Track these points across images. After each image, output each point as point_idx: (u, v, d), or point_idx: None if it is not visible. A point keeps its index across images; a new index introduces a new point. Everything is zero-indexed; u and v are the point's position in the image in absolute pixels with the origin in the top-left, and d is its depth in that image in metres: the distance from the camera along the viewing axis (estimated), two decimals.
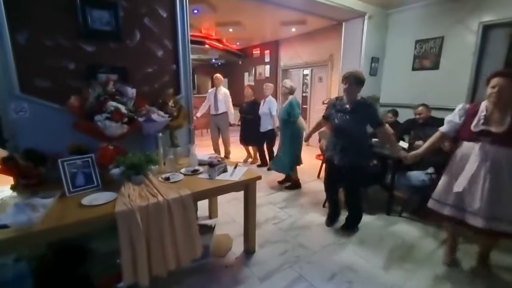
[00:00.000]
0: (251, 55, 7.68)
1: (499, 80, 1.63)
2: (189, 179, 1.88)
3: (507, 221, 1.61)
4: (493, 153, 1.62)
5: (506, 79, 1.60)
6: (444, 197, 1.84)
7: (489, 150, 1.63)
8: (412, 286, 1.78)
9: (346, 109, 2.25)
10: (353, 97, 2.23)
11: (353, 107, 2.22)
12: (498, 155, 1.61)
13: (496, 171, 1.61)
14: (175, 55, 2.24)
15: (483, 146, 1.65)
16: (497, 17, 3.15)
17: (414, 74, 3.94)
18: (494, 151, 1.62)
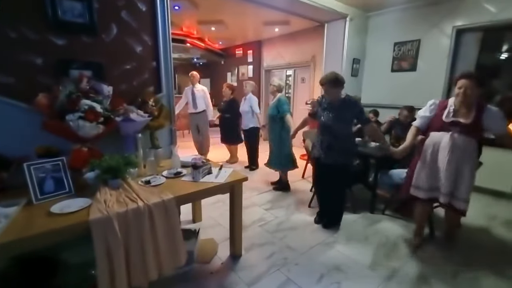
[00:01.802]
0: (233, 55, 7.60)
1: (464, 82, 1.83)
2: (172, 182, 1.78)
3: (462, 200, 1.91)
4: (460, 141, 1.87)
5: (469, 80, 1.82)
6: (423, 183, 2.03)
7: (457, 138, 1.87)
8: (397, 284, 1.80)
9: (331, 107, 2.28)
10: (335, 98, 2.27)
11: (339, 105, 2.26)
12: (463, 143, 1.86)
13: (459, 156, 1.87)
14: (156, 52, 2.13)
15: (453, 135, 1.88)
16: (469, 22, 3.32)
17: (393, 76, 4.07)
18: (461, 140, 1.86)
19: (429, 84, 3.69)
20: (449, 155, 1.88)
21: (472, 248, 2.20)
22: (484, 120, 1.83)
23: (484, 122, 1.83)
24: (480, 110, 1.84)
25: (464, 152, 1.87)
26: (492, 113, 1.83)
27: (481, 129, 1.86)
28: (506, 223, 2.62)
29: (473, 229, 2.51)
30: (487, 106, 1.85)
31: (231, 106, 4.21)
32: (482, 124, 1.84)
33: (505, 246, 2.27)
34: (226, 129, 4.34)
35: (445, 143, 1.90)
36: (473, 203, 1.99)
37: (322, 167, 2.42)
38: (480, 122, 1.83)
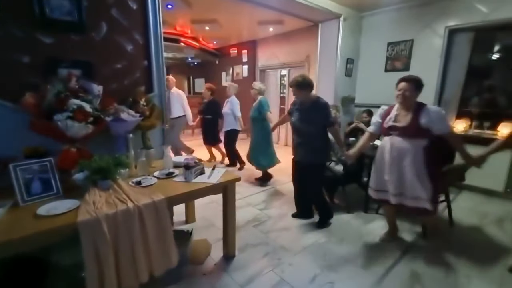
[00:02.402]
0: (228, 55, 7.58)
1: (403, 85, 1.92)
2: (163, 183, 1.76)
3: (410, 197, 1.95)
4: (399, 143, 1.96)
5: (408, 83, 1.91)
6: (376, 184, 2.14)
7: (396, 141, 1.97)
8: (390, 283, 1.80)
9: (302, 108, 2.40)
10: (305, 99, 2.37)
11: (308, 107, 2.36)
12: (403, 145, 1.94)
13: (401, 159, 1.94)
14: (147, 51, 2.10)
15: (392, 138, 2.00)
16: (461, 22, 3.36)
17: (387, 75, 4.08)
18: (399, 142, 1.96)
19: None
20: (390, 158, 1.98)
21: (464, 246, 2.22)
22: (422, 121, 1.85)
23: (423, 123, 1.85)
24: (418, 112, 1.88)
25: (406, 154, 1.92)
26: (430, 114, 1.85)
27: (423, 130, 1.86)
28: (497, 221, 2.65)
29: (465, 228, 2.54)
30: (426, 107, 1.89)
31: (211, 107, 4.21)
32: (420, 125, 1.86)
33: (496, 244, 2.29)
34: (207, 131, 4.32)
35: (387, 147, 2.01)
36: (466, 202, 2.01)
37: (295, 164, 2.56)
38: (418, 123, 1.86)
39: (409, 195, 1.95)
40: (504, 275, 1.88)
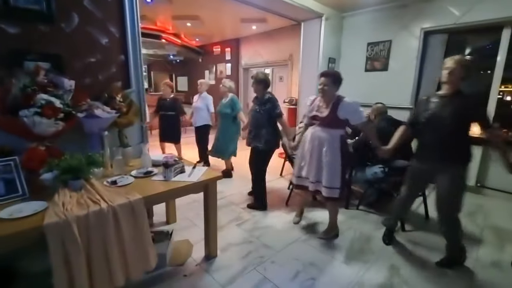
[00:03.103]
0: (211, 53, 7.48)
1: (322, 79, 2.09)
2: (141, 182, 1.69)
3: (329, 187, 2.10)
4: (319, 133, 2.13)
5: (327, 78, 2.08)
6: (298, 171, 2.30)
7: (316, 130, 2.15)
8: (370, 277, 1.84)
9: (258, 102, 2.75)
10: (260, 94, 2.71)
11: (261, 101, 2.70)
12: (322, 134, 2.11)
13: (321, 147, 2.11)
14: (124, 45, 2.01)
15: (314, 127, 2.18)
16: (435, 24, 3.50)
17: (367, 75, 4.19)
18: (319, 131, 2.13)
19: (400, 84, 3.84)
20: (311, 146, 2.15)
21: (439, 237, 2.30)
22: (339, 113, 2.05)
23: (340, 114, 2.05)
24: (336, 104, 2.06)
25: (325, 143, 2.09)
26: (346, 106, 2.04)
27: (341, 120, 2.07)
28: (469, 214, 2.78)
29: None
30: (343, 100, 2.06)
31: (175, 104, 4.17)
32: (338, 116, 2.05)
33: (468, 235, 2.39)
34: (170, 128, 4.22)
35: (309, 135, 2.19)
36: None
37: (250, 151, 2.85)
38: (336, 114, 2.05)
39: (325, 183, 2.11)
40: (475, 265, 1.98)
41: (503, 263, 2.02)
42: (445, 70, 1.79)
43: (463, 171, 1.84)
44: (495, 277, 1.86)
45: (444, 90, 1.85)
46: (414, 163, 2.03)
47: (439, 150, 1.84)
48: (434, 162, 1.87)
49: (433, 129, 1.83)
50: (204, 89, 4.14)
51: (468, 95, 1.81)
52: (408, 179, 2.09)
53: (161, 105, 4.18)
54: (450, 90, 1.81)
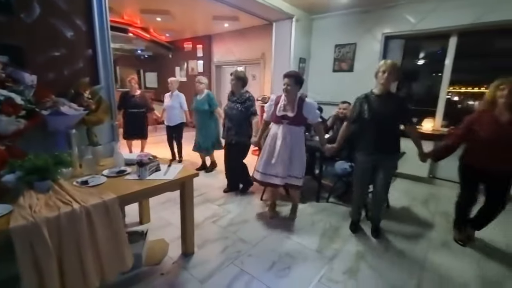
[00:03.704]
0: (182, 49, 7.30)
1: (285, 80, 2.25)
2: (114, 182, 1.64)
3: (295, 177, 2.35)
4: (289, 130, 2.29)
5: (289, 78, 2.23)
6: (264, 168, 2.41)
7: (286, 129, 2.30)
8: (340, 262, 1.99)
9: (235, 100, 2.93)
10: (238, 91, 2.92)
11: (241, 100, 2.90)
12: (291, 132, 2.29)
13: (290, 143, 2.29)
14: (91, 39, 1.92)
15: (284, 126, 2.31)
16: (394, 30, 3.81)
17: (335, 75, 4.42)
18: (288, 129, 2.29)
19: (364, 84, 4.05)
20: (284, 144, 2.29)
21: (398, 224, 2.56)
22: (303, 112, 2.26)
23: (304, 113, 2.26)
24: (301, 104, 2.27)
25: (293, 139, 2.29)
26: (308, 105, 2.27)
27: (304, 118, 2.30)
28: (423, 202, 3.11)
29: (398, 209, 2.92)
30: (305, 100, 2.28)
31: (144, 100, 4.15)
32: (303, 114, 2.26)
33: (422, 220, 2.69)
34: (138, 124, 4.15)
35: (279, 133, 2.32)
36: (398, 187, 2.31)
37: (226, 146, 3.10)
38: (301, 113, 2.26)
39: (293, 174, 2.34)
40: (429, 246, 2.23)
41: (451, 243, 2.30)
42: (381, 72, 2.01)
43: (397, 159, 2.19)
44: (446, 256, 2.12)
45: (379, 90, 2.09)
46: (360, 156, 2.25)
47: (381, 141, 2.11)
48: (376, 153, 2.13)
49: (375, 124, 2.09)
50: (176, 87, 4.15)
51: (398, 95, 2.09)
52: (357, 172, 2.33)
53: (127, 102, 4.05)
54: (385, 90, 2.06)
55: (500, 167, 1.95)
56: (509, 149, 1.87)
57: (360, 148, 2.25)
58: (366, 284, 1.78)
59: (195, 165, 4.03)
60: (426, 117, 3.88)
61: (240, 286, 1.72)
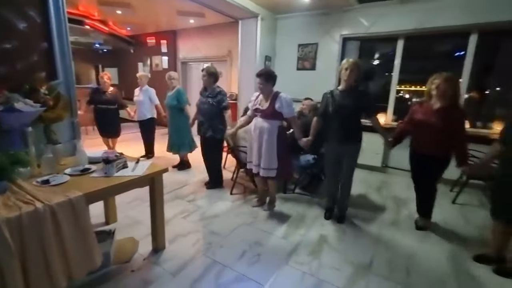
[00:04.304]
0: (145, 44, 7.02)
1: (257, 79, 2.43)
2: (78, 180, 1.60)
3: (268, 169, 2.46)
4: (261, 123, 2.45)
5: (260, 78, 2.41)
6: (248, 158, 2.63)
7: (258, 121, 2.47)
8: (305, 246, 2.16)
9: (207, 95, 3.01)
10: (210, 86, 3.01)
11: (213, 94, 2.98)
12: (263, 124, 2.43)
13: (262, 135, 2.44)
14: (47, 31, 1.82)
15: (257, 119, 2.49)
16: (351, 32, 4.12)
17: (298, 73, 4.64)
18: (261, 122, 2.45)
19: (325, 82, 4.38)
20: (255, 134, 2.47)
21: (356, 209, 2.82)
22: (276, 105, 2.39)
23: (277, 107, 2.39)
24: (274, 99, 2.42)
25: (265, 131, 2.42)
26: (282, 100, 2.40)
27: (278, 112, 2.41)
28: (377, 189, 3.45)
29: (356, 196, 3.21)
30: (279, 95, 2.42)
31: (116, 97, 4.06)
32: (275, 108, 2.39)
33: (376, 205, 3.00)
34: (110, 121, 4.07)
35: (253, 126, 2.51)
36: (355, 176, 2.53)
37: (201, 140, 3.17)
38: (274, 107, 2.39)
39: (263, 165, 2.46)
40: (381, 226, 2.52)
41: (399, 222, 2.61)
42: (344, 70, 2.24)
43: (359, 148, 2.42)
44: (394, 233, 2.41)
45: (343, 86, 2.32)
46: (327, 146, 2.48)
47: (344, 133, 2.34)
48: (341, 142, 2.36)
49: (339, 117, 2.32)
50: (145, 82, 4.10)
51: (360, 90, 2.35)
52: (326, 161, 2.54)
53: (98, 98, 3.92)
54: (348, 86, 2.29)
55: (435, 152, 2.23)
56: (440, 134, 2.16)
57: (327, 139, 2.45)
58: (328, 263, 1.96)
59: (171, 162, 3.99)
60: (379, 112, 4.28)
61: (213, 275, 1.79)
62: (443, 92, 2.13)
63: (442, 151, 2.21)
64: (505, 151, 1.82)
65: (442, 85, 2.12)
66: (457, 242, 2.29)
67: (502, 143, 1.83)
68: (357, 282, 1.78)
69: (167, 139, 3.86)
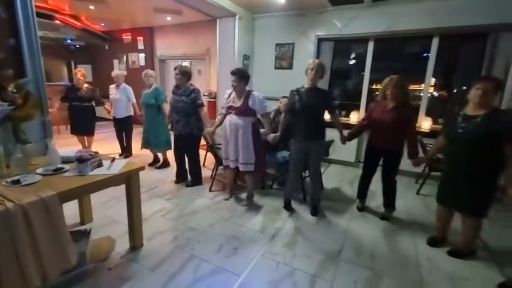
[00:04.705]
0: (120, 40, 6.83)
1: (231, 77, 2.53)
2: (51, 180, 1.58)
3: (246, 164, 2.60)
4: (235, 120, 2.55)
5: (234, 76, 2.51)
6: (224, 154, 2.73)
7: (233, 118, 2.57)
8: (280, 238, 2.27)
9: (180, 93, 3.02)
10: (184, 85, 3.01)
11: (187, 92, 3.01)
12: (237, 121, 2.54)
13: (237, 131, 2.55)
14: (14, 26, 1.76)
15: (231, 116, 2.59)
16: (325, 33, 4.28)
17: (276, 72, 4.76)
18: (235, 119, 2.56)
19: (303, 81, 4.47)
20: (230, 131, 2.57)
21: (330, 202, 2.98)
22: (249, 102, 2.51)
23: (250, 104, 2.51)
24: (247, 97, 2.53)
25: (240, 128, 2.53)
26: (254, 97, 2.52)
27: (251, 110, 2.53)
28: (350, 183, 3.65)
29: (330, 189, 3.38)
30: (252, 93, 2.54)
31: (91, 95, 4.00)
32: (248, 106, 2.52)
33: (348, 197, 3.18)
34: (85, 120, 4.00)
35: (228, 123, 2.59)
36: (331, 171, 2.69)
37: (174, 138, 3.21)
38: (248, 105, 2.52)
39: (241, 160, 2.59)
40: (351, 216, 2.68)
41: (367, 213, 2.80)
42: (310, 70, 2.39)
43: (324, 145, 2.62)
44: (362, 223, 2.59)
45: (308, 85, 2.47)
46: (293, 143, 2.58)
47: (310, 130, 2.48)
48: (307, 139, 2.50)
49: (305, 114, 2.45)
50: (122, 80, 4.05)
51: (322, 89, 2.50)
52: (292, 157, 2.66)
53: (73, 96, 3.83)
54: (313, 85, 2.45)
55: (386, 146, 2.44)
56: (393, 131, 2.37)
57: (294, 135, 2.57)
58: (302, 253, 2.08)
59: (147, 160, 3.96)
60: (353, 110, 4.50)
61: (191, 268, 1.85)
62: (395, 95, 2.34)
63: (395, 146, 2.43)
64: (446, 144, 2.05)
65: (393, 90, 2.33)
66: (417, 229, 2.50)
67: (443, 137, 2.07)
68: (327, 268, 1.91)
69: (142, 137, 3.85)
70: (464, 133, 1.86)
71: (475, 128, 1.81)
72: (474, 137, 1.81)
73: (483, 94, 1.79)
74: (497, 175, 1.85)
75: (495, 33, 3.44)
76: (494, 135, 1.74)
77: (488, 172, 1.85)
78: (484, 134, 1.77)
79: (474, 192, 1.89)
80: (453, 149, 1.99)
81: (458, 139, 1.91)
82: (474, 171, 1.86)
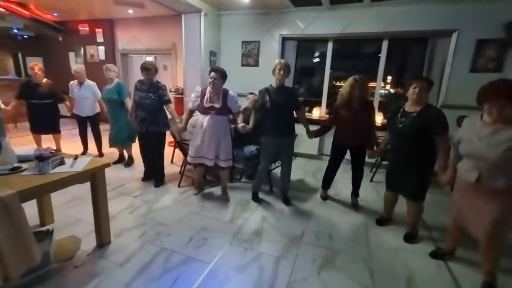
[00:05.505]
0: (76, 32, 6.38)
1: (212, 74, 2.56)
2: (8, 179, 1.54)
3: (226, 160, 2.72)
4: (215, 120, 2.61)
5: (216, 73, 2.55)
6: (195, 153, 2.71)
7: (213, 118, 2.61)
8: (248, 226, 2.41)
9: (146, 90, 2.98)
10: (148, 80, 2.96)
11: (154, 89, 2.99)
12: (217, 121, 2.62)
13: (217, 131, 2.62)
14: None
15: (211, 116, 2.61)
16: (289, 32, 4.48)
17: (243, 69, 4.86)
18: (215, 118, 2.61)
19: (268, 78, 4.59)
20: (211, 131, 2.60)
21: (294, 191, 3.19)
22: (228, 103, 2.62)
23: (228, 104, 2.63)
24: (225, 96, 2.63)
25: (220, 127, 2.64)
26: (232, 97, 2.65)
27: (229, 109, 2.64)
28: (313, 174, 3.92)
29: (295, 181, 3.61)
30: (229, 93, 2.65)
31: (52, 90, 3.69)
32: (227, 105, 2.62)
33: (311, 186, 3.44)
34: (46, 117, 3.73)
35: (207, 123, 2.60)
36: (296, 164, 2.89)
37: (140, 135, 3.17)
38: (226, 105, 2.62)
39: (223, 157, 2.69)
40: (314, 204, 2.92)
41: (327, 200, 3.06)
42: (278, 70, 2.56)
43: (294, 140, 2.79)
44: (325, 209, 2.85)
45: (276, 84, 2.65)
46: (264, 138, 2.74)
47: (282, 127, 2.65)
48: (280, 136, 2.66)
49: (275, 112, 2.61)
50: (84, 76, 3.87)
51: (288, 87, 2.73)
52: (263, 151, 2.82)
53: (31, 92, 3.53)
54: (280, 84, 2.63)
55: (355, 142, 2.72)
56: (361, 128, 2.64)
57: (265, 132, 2.70)
58: (268, 238, 2.25)
59: (114, 159, 3.88)
60: (315, 106, 4.79)
61: (161, 260, 1.91)
62: (360, 94, 2.59)
63: (362, 141, 2.71)
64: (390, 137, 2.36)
65: (359, 90, 2.57)
66: (370, 212, 2.82)
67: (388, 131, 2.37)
68: (290, 250, 2.10)
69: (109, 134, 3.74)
70: (403, 128, 2.15)
71: (411, 122, 2.10)
72: (411, 130, 2.10)
73: (420, 92, 2.08)
74: (432, 163, 2.16)
75: (433, 38, 3.92)
76: (426, 128, 2.05)
77: (424, 161, 2.15)
78: (418, 128, 2.07)
79: (414, 179, 2.17)
80: (395, 142, 2.29)
81: (398, 133, 2.20)
82: (413, 160, 2.15)
